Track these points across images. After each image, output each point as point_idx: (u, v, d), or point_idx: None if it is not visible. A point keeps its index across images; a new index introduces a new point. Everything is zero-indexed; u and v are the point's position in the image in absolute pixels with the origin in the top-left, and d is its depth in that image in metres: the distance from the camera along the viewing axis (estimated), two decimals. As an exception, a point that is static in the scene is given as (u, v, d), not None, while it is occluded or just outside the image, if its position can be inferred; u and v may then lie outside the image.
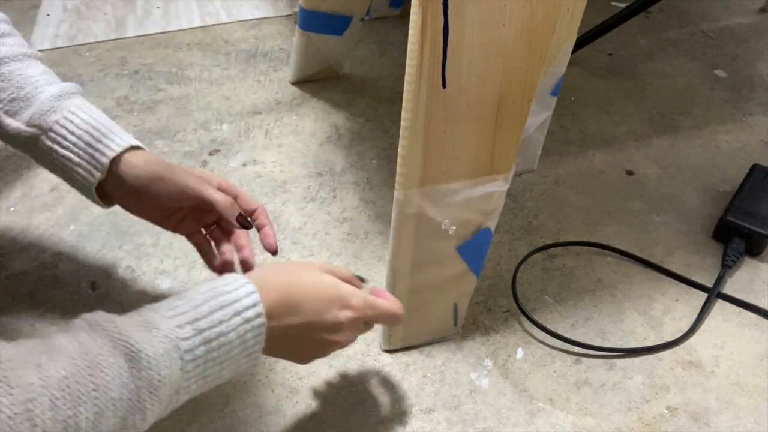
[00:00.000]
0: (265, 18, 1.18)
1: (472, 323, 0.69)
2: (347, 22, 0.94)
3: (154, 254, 0.74)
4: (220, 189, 0.58)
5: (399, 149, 0.51)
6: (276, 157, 0.89)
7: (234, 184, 0.59)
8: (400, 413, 0.61)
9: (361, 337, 0.66)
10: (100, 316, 0.40)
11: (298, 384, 0.63)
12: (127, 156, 0.56)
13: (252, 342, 0.44)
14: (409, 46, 0.45)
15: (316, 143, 0.91)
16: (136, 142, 0.57)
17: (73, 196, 0.81)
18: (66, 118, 0.55)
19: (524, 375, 0.64)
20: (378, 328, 0.67)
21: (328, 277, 0.50)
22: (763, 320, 0.70)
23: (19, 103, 0.55)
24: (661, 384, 0.64)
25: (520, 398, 0.62)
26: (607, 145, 0.94)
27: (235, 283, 0.44)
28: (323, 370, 0.64)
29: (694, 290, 0.73)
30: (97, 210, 0.80)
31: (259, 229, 0.59)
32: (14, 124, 0.55)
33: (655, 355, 0.67)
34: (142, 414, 0.38)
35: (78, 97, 0.57)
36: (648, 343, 0.68)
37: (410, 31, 0.44)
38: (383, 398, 0.62)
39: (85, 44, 1.09)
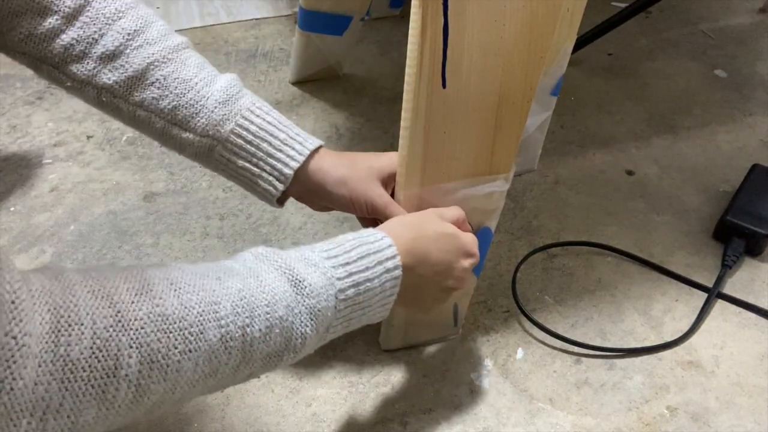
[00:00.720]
0: (265, 18, 1.18)
1: (472, 323, 0.69)
2: (347, 22, 0.94)
3: (154, 254, 0.74)
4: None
5: (399, 149, 0.51)
6: (276, 157, 0.89)
7: None
8: (400, 413, 0.61)
9: (361, 338, 0.66)
10: (263, 249, 0.43)
11: (298, 384, 0.63)
12: (311, 162, 0.54)
13: (389, 292, 0.47)
14: (409, 46, 0.45)
15: (316, 143, 0.91)
16: (317, 143, 0.54)
17: (73, 196, 0.81)
18: (240, 125, 0.52)
19: (524, 375, 0.64)
20: (378, 329, 0.67)
21: (449, 227, 0.51)
22: (763, 320, 0.70)
23: (183, 111, 0.51)
24: (661, 384, 0.64)
25: (520, 398, 0.62)
26: (607, 145, 0.94)
27: (376, 235, 0.47)
28: (323, 370, 0.64)
29: (694, 290, 0.73)
30: (97, 210, 0.80)
31: None
32: (184, 134, 0.52)
33: (655, 355, 0.67)
34: (302, 339, 0.42)
35: (244, 95, 0.53)
36: (648, 343, 0.67)
37: (410, 31, 0.44)
38: (383, 398, 0.62)
39: (85, 44, 1.09)
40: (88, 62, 0.49)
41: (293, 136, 0.53)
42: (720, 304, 0.72)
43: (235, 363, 0.39)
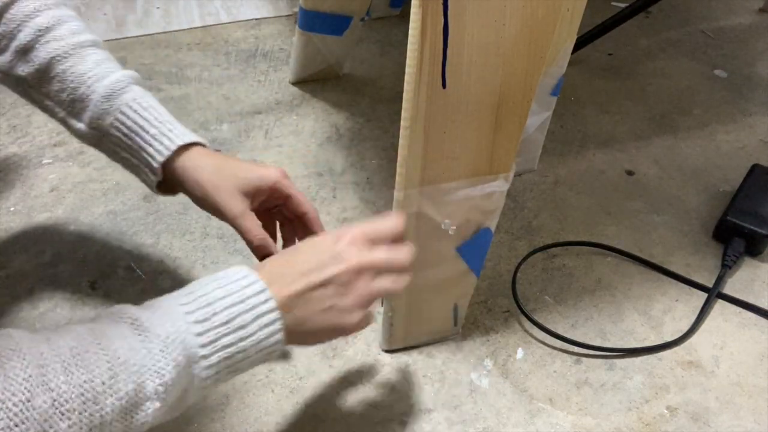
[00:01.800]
0: (265, 18, 1.18)
1: (472, 323, 0.69)
2: (347, 22, 0.94)
3: (154, 254, 0.74)
4: (272, 193, 0.56)
5: (399, 149, 0.50)
6: (276, 157, 0.89)
7: (288, 181, 0.56)
8: (400, 413, 0.61)
9: (361, 337, 0.66)
10: (112, 307, 0.41)
11: (298, 384, 0.63)
12: (179, 158, 0.55)
13: (259, 303, 0.42)
14: (409, 46, 0.45)
15: (316, 143, 0.91)
16: (191, 139, 0.55)
17: (73, 196, 0.81)
18: (118, 119, 0.55)
19: (524, 375, 0.64)
20: (378, 329, 0.67)
21: (322, 234, 0.50)
22: (763, 320, 0.70)
23: (77, 104, 0.55)
24: (661, 384, 0.64)
25: (520, 398, 0.62)
26: (607, 145, 0.94)
27: (228, 269, 0.44)
28: (323, 370, 0.64)
29: (694, 290, 0.73)
30: (97, 210, 0.80)
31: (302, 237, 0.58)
32: (78, 125, 0.56)
33: (655, 355, 0.67)
34: (160, 377, 0.38)
35: (130, 90, 0.56)
36: (648, 343, 0.68)
37: (410, 31, 0.44)
38: (383, 398, 0.62)
39: (85, 44, 1.09)
40: (7, 55, 0.55)
41: (165, 132, 0.55)
42: (720, 304, 0.72)
43: (82, 429, 0.35)
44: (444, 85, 0.46)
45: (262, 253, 0.56)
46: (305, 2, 0.89)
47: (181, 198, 0.81)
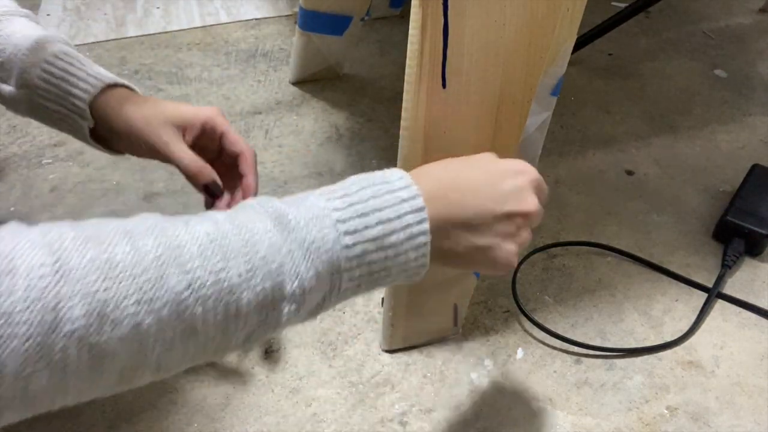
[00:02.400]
0: (265, 18, 1.18)
1: (472, 323, 0.69)
2: (347, 22, 0.94)
3: (154, 254, 0.74)
4: (205, 129, 0.54)
5: (399, 149, 0.51)
6: (276, 157, 0.89)
7: (222, 118, 0.55)
8: (400, 413, 0.61)
9: (361, 337, 0.66)
10: (252, 199, 0.38)
11: (298, 384, 0.63)
12: (105, 99, 0.53)
13: (414, 224, 0.39)
14: (409, 46, 0.45)
15: (316, 143, 0.91)
16: (114, 80, 0.54)
17: (73, 196, 0.81)
18: (44, 70, 0.53)
19: (524, 375, 0.64)
20: (378, 329, 0.67)
21: (488, 155, 0.45)
22: (763, 320, 0.70)
23: (5, 66, 0.54)
24: (661, 384, 0.64)
25: (520, 398, 0.62)
26: (607, 145, 0.94)
27: (386, 171, 0.41)
28: (323, 370, 0.64)
29: (694, 290, 0.73)
30: (97, 210, 0.80)
31: (240, 178, 0.55)
32: (7, 89, 0.54)
33: (655, 355, 0.67)
34: (299, 281, 0.35)
35: (55, 44, 0.55)
36: (648, 343, 0.67)
37: (410, 31, 0.44)
38: (383, 398, 0.62)
39: (85, 44, 1.09)
40: None
41: (92, 74, 0.54)
42: (720, 304, 0.72)
43: (217, 317, 0.33)
44: (444, 85, 0.46)
45: (201, 182, 0.54)
46: (305, 2, 0.89)
47: (181, 198, 0.81)
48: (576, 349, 0.67)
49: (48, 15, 1.17)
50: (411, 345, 0.66)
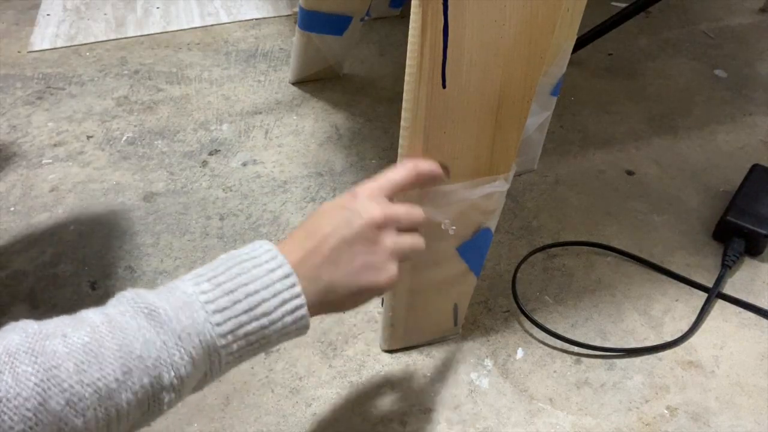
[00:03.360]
0: (265, 18, 1.18)
1: (472, 323, 0.69)
2: (347, 22, 0.94)
3: (154, 254, 0.74)
4: None
5: (399, 149, 0.51)
6: (276, 157, 0.89)
7: None
8: (400, 413, 0.61)
9: (361, 337, 0.66)
10: (129, 291, 0.40)
11: (298, 384, 0.63)
12: None
13: (284, 290, 0.41)
14: (409, 46, 0.45)
15: (316, 143, 0.91)
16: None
17: (73, 196, 0.81)
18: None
19: (524, 375, 0.64)
20: (378, 329, 0.67)
21: (350, 201, 0.46)
22: (763, 320, 0.70)
23: None
24: (661, 384, 0.64)
25: (520, 398, 0.62)
26: (607, 145, 0.94)
27: (254, 244, 0.42)
28: (323, 370, 0.64)
29: (694, 290, 0.73)
30: (97, 210, 0.80)
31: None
32: None
33: (655, 355, 0.67)
34: (176, 372, 0.37)
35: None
36: (648, 343, 0.67)
37: (410, 31, 0.44)
38: (383, 398, 0.62)
39: (85, 44, 1.09)
40: None
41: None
42: (720, 304, 0.72)
43: (99, 423, 0.35)
44: (444, 85, 0.46)
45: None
46: (305, 2, 0.89)
47: (181, 198, 0.81)
48: (576, 349, 0.67)
49: (48, 15, 1.17)
50: (411, 345, 0.66)
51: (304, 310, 0.41)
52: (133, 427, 0.38)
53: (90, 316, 0.38)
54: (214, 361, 0.40)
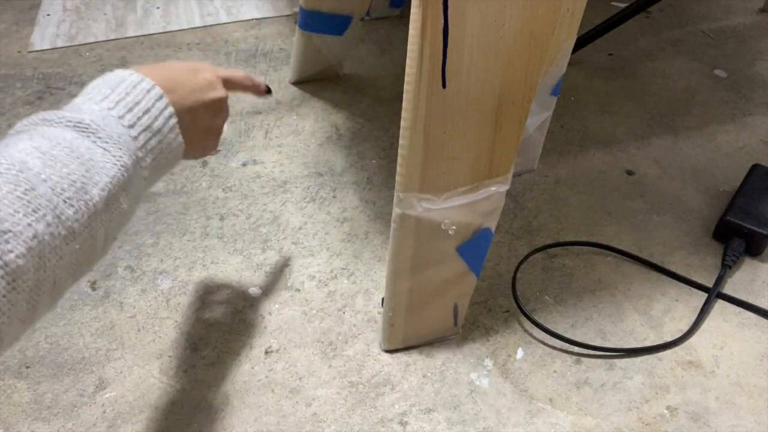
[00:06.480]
0: (265, 18, 1.18)
1: (472, 323, 0.69)
2: (347, 22, 0.94)
3: (154, 254, 0.74)
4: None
5: (399, 149, 0.51)
6: (276, 157, 0.89)
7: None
8: (400, 413, 0.61)
9: (361, 337, 0.66)
10: (38, 114, 0.41)
11: (298, 384, 0.63)
12: None
13: (164, 108, 0.45)
14: (409, 46, 0.45)
15: (316, 143, 0.92)
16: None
17: (73, 196, 0.81)
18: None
19: (524, 375, 0.64)
20: (378, 329, 0.67)
21: (176, 61, 0.54)
22: (763, 320, 0.70)
23: None
24: (661, 384, 0.64)
25: (520, 398, 0.62)
26: (607, 145, 0.94)
27: (114, 73, 0.46)
28: (323, 370, 0.64)
29: (694, 290, 0.73)
30: (97, 210, 0.80)
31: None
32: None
33: (655, 355, 0.67)
34: (124, 171, 0.40)
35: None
36: (648, 343, 0.68)
37: (410, 31, 0.44)
38: (383, 398, 0.62)
39: (85, 44, 1.09)
40: None
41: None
42: (720, 304, 0.72)
43: (84, 217, 0.37)
44: (444, 85, 0.46)
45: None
46: (305, 2, 0.89)
47: (181, 198, 0.81)
48: (576, 349, 0.67)
49: (48, 15, 1.17)
50: (411, 345, 0.66)
51: (177, 127, 0.46)
52: (107, 236, 0.40)
53: (17, 137, 0.38)
54: (137, 174, 0.43)
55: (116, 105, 0.43)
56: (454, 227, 0.56)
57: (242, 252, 0.75)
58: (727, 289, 0.74)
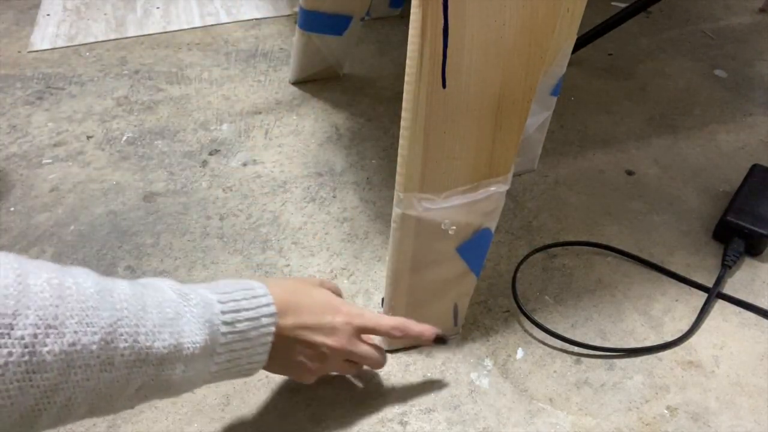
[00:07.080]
0: (265, 18, 1.18)
1: (472, 323, 0.69)
2: (347, 22, 0.94)
3: (154, 254, 0.74)
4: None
5: (399, 149, 0.51)
6: (276, 157, 0.89)
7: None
8: (400, 413, 0.61)
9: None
10: (147, 279, 0.45)
11: (298, 384, 0.63)
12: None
13: (267, 324, 0.48)
14: (409, 46, 0.45)
15: (316, 143, 0.92)
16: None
17: (73, 196, 0.81)
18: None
19: (524, 375, 0.64)
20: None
21: (324, 290, 0.56)
22: (763, 320, 0.70)
23: None
24: (661, 384, 0.64)
25: (520, 398, 0.62)
26: (607, 145, 0.94)
27: (256, 287, 0.50)
28: (323, 370, 0.64)
29: (694, 290, 0.73)
30: (97, 210, 0.80)
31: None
32: None
33: (655, 355, 0.67)
34: (194, 345, 0.42)
35: None
36: (648, 343, 0.67)
37: (410, 31, 0.44)
38: (383, 398, 0.62)
39: (85, 44, 1.09)
40: None
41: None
42: (720, 304, 0.72)
43: (130, 357, 0.38)
44: (444, 85, 0.46)
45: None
46: (305, 2, 0.89)
47: (181, 198, 0.81)
48: (576, 349, 0.67)
49: (48, 15, 1.17)
50: (411, 345, 0.66)
51: (268, 353, 0.49)
52: (140, 387, 0.40)
53: (119, 282, 0.41)
54: (207, 364, 0.44)
55: (228, 301, 0.46)
56: (454, 227, 0.56)
57: (242, 252, 0.75)
58: (727, 289, 0.74)
